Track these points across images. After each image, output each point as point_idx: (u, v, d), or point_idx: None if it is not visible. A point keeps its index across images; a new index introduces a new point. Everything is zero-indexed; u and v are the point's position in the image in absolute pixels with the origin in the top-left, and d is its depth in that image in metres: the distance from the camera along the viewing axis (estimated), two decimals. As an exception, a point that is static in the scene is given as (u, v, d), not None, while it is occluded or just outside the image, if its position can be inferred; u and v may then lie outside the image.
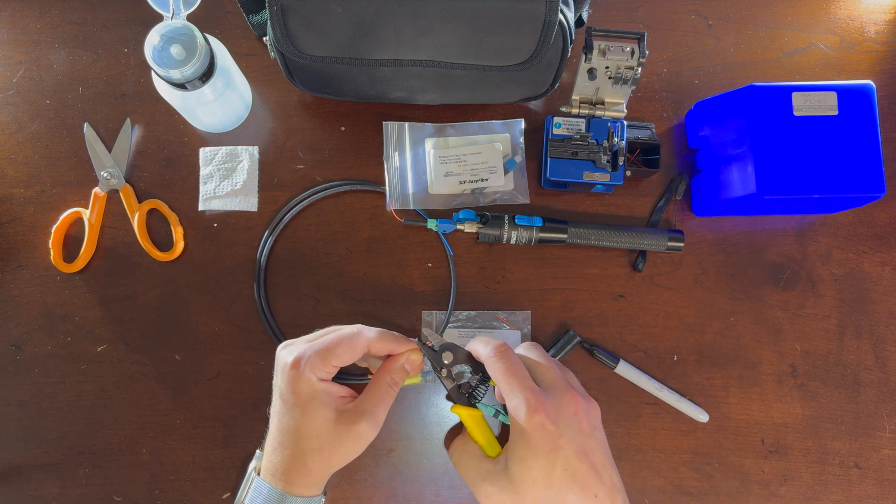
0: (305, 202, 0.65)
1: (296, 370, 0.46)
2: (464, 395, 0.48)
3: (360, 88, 0.61)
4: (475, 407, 0.48)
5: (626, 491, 0.44)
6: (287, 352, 0.48)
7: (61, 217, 0.64)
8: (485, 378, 0.48)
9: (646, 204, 0.67)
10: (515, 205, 0.66)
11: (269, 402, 0.49)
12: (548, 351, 0.63)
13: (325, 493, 0.49)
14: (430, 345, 0.49)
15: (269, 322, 0.64)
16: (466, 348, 0.49)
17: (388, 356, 0.51)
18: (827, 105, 0.58)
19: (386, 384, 0.49)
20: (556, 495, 0.42)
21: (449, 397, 0.49)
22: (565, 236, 0.63)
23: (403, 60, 0.56)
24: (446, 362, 0.49)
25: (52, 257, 0.63)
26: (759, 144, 0.57)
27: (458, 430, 0.50)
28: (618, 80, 0.59)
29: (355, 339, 0.48)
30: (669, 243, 0.64)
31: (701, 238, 0.66)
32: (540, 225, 0.63)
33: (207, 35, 0.57)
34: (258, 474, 0.48)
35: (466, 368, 0.49)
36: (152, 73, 0.56)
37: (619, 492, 0.43)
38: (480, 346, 0.48)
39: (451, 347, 0.49)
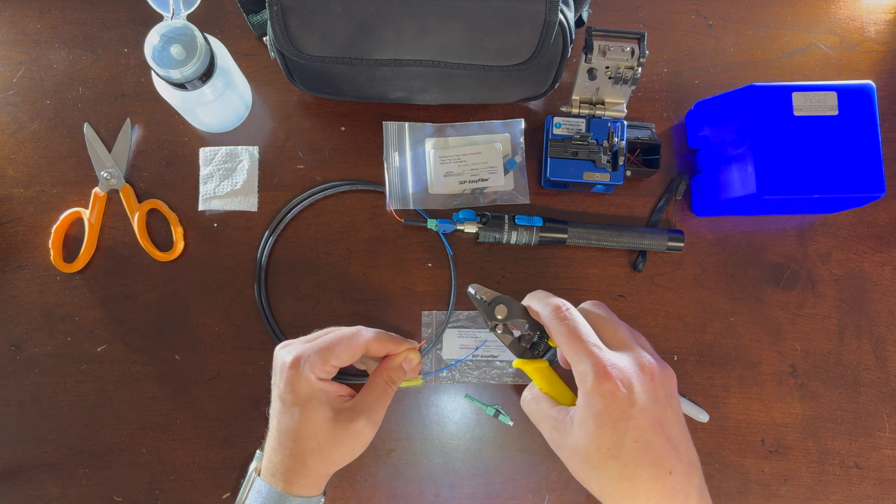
0: (305, 202, 0.65)
1: (294, 369, 0.46)
2: (525, 348, 0.45)
3: (360, 88, 0.61)
4: (540, 358, 0.44)
5: None
6: (285, 352, 0.48)
7: (61, 217, 0.64)
8: (544, 334, 0.44)
9: (646, 204, 0.67)
10: (515, 205, 0.66)
11: (269, 402, 0.49)
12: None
13: (325, 494, 0.49)
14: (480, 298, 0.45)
15: (269, 322, 0.64)
16: (523, 303, 0.45)
17: (386, 357, 0.51)
18: (827, 105, 0.58)
19: (383, 382, 0.49)
20: (625, 468, 0.38)
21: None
22: (565, 236, 0.63)
23: (403, 60, 0.56)
24: (500, 317, 0.44)
25: (52, 257, 0.63)
26: (759, 144, 0.57)
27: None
28: (618, 80, 0.59)
29: (354, 338, 0.48)
30: (669, 243, 0.64)
31: (701, 238, 0.66)
32: (540, 225, 0.63)
33: (207, 35, 0.57)
34: (258, 475, 0.48)
35: (523, 323, 0.44)
36: (152, 73, 0.56)
37: (696, 470, 0.40)
38: (539, 306, 0.44)
39: (506, 301, 0.45)
